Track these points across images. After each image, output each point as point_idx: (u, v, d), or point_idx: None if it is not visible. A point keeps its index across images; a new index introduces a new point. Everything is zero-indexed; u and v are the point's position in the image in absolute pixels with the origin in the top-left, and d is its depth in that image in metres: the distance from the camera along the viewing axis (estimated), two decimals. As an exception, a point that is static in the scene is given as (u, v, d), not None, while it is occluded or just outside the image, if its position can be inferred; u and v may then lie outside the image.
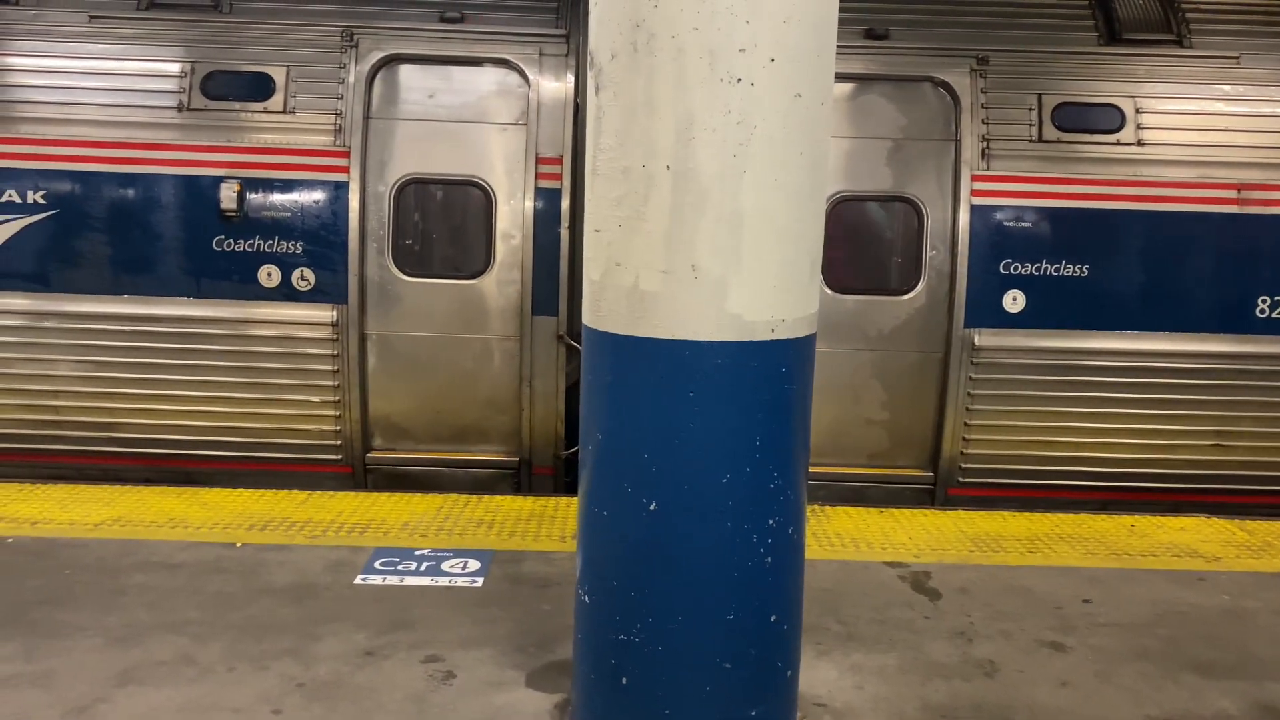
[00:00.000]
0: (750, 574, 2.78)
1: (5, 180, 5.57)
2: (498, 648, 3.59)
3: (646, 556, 2.77)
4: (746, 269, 2.63)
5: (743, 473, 2.70)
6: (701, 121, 2.58)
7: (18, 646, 3.49)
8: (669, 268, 2.64)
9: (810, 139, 2.71)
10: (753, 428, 2.69)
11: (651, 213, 2.64)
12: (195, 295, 5.63)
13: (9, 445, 5.70)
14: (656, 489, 2.72)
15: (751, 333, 2.65)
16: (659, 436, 2.70)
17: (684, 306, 2.64)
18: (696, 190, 2.60)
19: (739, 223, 2.62)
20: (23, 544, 4.43)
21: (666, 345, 2.66)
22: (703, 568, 2.74)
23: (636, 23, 2.59)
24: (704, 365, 2.65)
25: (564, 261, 5.71)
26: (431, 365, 5.80)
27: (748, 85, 2.57)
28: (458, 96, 5.79)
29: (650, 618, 2.78)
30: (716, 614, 2.76)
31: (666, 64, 2.57)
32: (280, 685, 3.29)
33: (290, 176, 5.61)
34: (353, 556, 4.41)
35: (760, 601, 2.82)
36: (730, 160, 2.59)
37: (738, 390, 2.67)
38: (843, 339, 5.68)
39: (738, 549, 2.75)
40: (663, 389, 2.68)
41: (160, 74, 5.65)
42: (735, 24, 2.54)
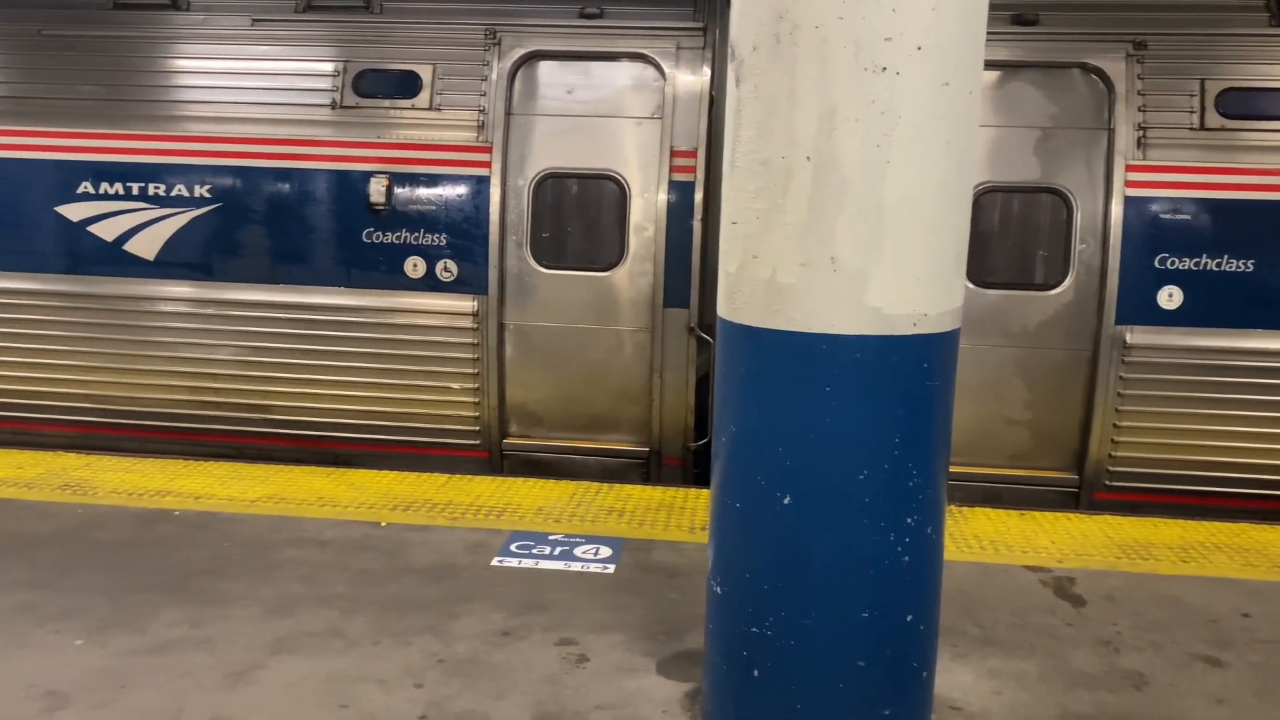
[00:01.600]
0: (887, 572, 2.73)
1: (175, 176, 5.95)
2: (629, 634, 3.64)
3: (779, 551, 2.76)
4: (888, 261, 2.58)
5: (881, 469, 2.66)
6: (844, 112, 2.54)
7: (184, 612, 3.73)
8: (807, 260, 2.62)
9: (957, 129, 2.64)
10: (892, 424, 2.64)
11: (791, 204, 2.62)
12: (346, 285, 5.89)
13: (175, 424, 6.10)
14: (791, 483, 2.71)
15: (892, 327, 2.60)
16: (794, 430, 2.69)
17: (822, 299, 2.61)
18: (837, 181, 2.57)
19: (881, 214, 2.57)
20: (188, 517, 4.74)
21: (803, 338, 2.64)
22: (837, 564, 2.72)
23: (779, 14, 2.57)
24: (842, 359, 2.62)
25: (696, 254, 5.73)
26: (565, 355, 5.91)
27: (893, 74, 2.53)
28: (595, 91, 5.87)
29: (783, 612, 2.77)
30: (851, 611, 2.73)
31: (809, 55, 2.55)
32: (422, 660, 3.42)
33: (435, 171, 5.81)
34: (490, 539, 4.54)
35: (897, 600, 2.77)
36: (874, 151, 2.55)
37: (877, 385, 2.63)
38: (984, 334, 5.51)
39: (874, 547, 2.71)
40: (799, 383, 2.66)
41: (315, 73, 5.93)
42: (881, 12, 2.50)
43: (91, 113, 6.03)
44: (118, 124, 6.00)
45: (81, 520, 4.65)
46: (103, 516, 4.70)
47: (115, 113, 6.02)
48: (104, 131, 6.00)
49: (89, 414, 6.15)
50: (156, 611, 3.73)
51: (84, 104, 6.05)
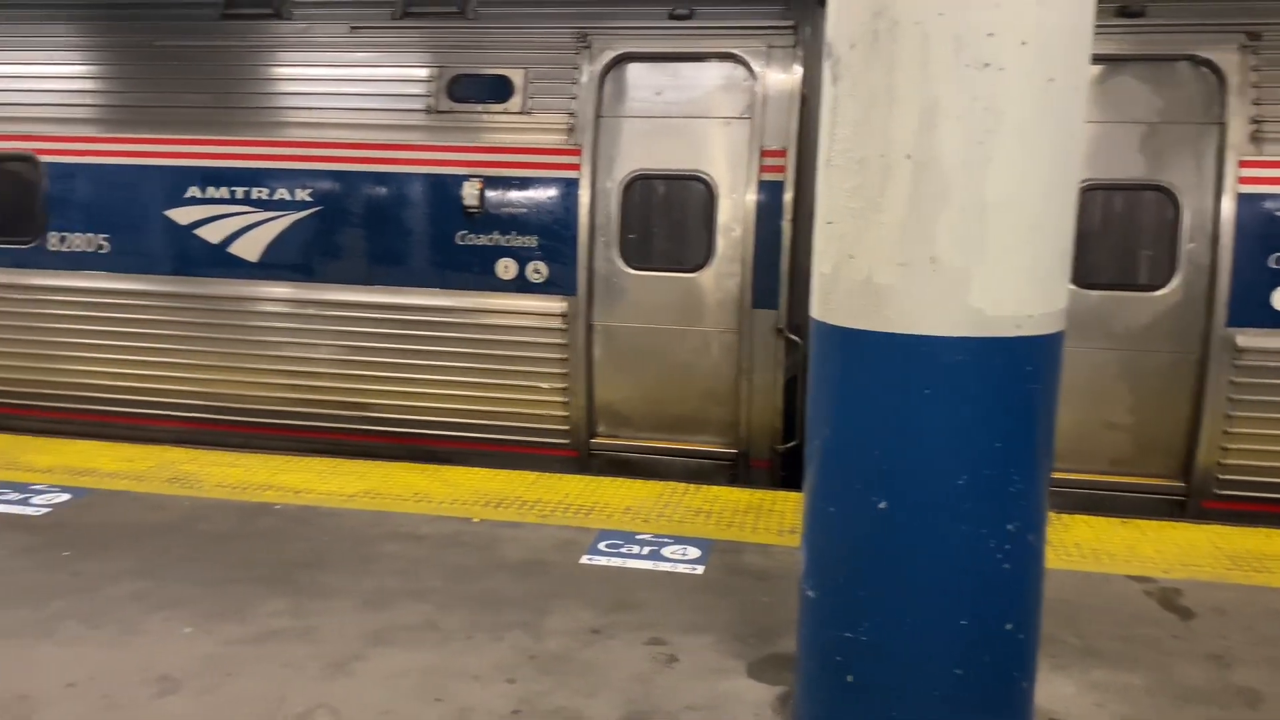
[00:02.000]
0: (986, 580, 2.67)
1: (277, 180, 6.14)
2: (719, 635, 3.64)
3: (875, 556, 2.72)
4: (990, 262, 2.53)
5: (981, 475, 2.60)
6: (945, 109, 2.50)
7: (287, 603, 3.85)
8: (906, 260, 2.57)
9: (1063, 125, 2.57)
10: (993, 429, 2.58)
11: (888, 203, 2.58)
12: (439, 286, 6.00)
13: (277, 421, 6.29)
14: (887, 488, 2.67)
15: (995, 328, 2.54)
16: (891, 434, 2.65)
17: (921, 300, 2.57)
18: (938, 180, 2.53)
19: (983, 213, 2.52)
20: (289, 511, 4.89)
21: (901, 340, 2.60)
22: (935, 571, 2.67)
23: (878, 10, 2.54)
24: (942, 362, 2.57)
25: (785, 254, 5.68)
26: (653, 356, 5.92)
27: (996, 70, 2.47)
28: (684, 92, 5.86)
29: (878, 617, 2.73)
30: (949, 619, 2.68)
31: (909, 51, 2.51)
32: (514, 656, 3.47)
33: (526, 174, 5.88)
34: (579, 537, 4.58)
35: (996, 609, 2.71)
36: (976, 148, 2.49)
37: (978, 389, 2.57)
38: (1086, 336, 5.34)
39: (973, 553, 2.65)
40: (896, 385, 2.62)
41: (411, 79, 6.06)
42: (984, 7, 2.45)
43: (199, 120, 6.26)
44: (224, 130, 6.22)
45: (188, 512, 4.84)
46: (208, 509, 4.89)
47: (221, 119, 6.24)
48: (211, 138, 6.23)
49: (196, 410, 6.39)
50: (260, 601, 3.85)
51: (192, 111, 6.29)
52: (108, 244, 6.36)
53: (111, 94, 6.45)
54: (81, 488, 5.14)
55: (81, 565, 4.17)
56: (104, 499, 4.99)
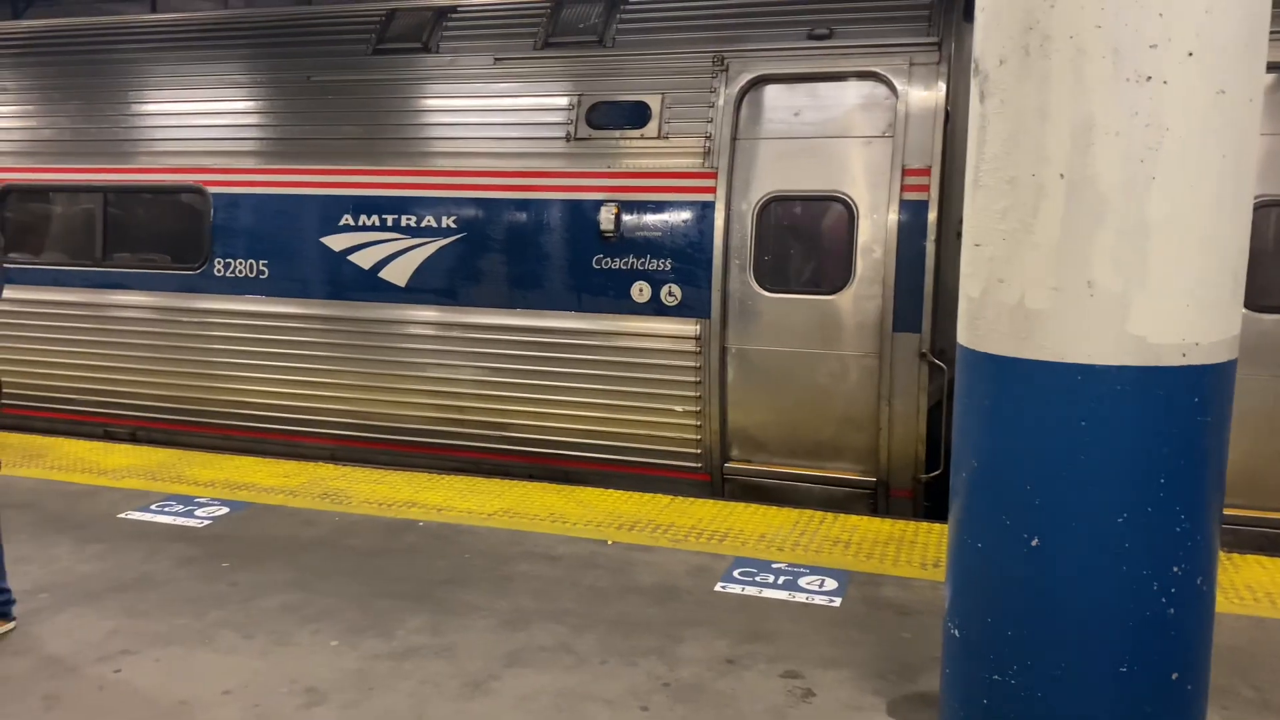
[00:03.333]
0: (1149, 625, 2.50)
1: (425, 208, 6.36)
2: (857, 671, 3.52)
3: (1026, 595, 2.59)
4: (1153, 286, 2.38)
5: (1143, 513, 2.44)
6: (1102, 125, 2.37)
7: (426, 620, 3.95)
8: (1060, 284, 2.45)
9: (1234, 140, 2.41)
10: (1157, 464, 2.42)
11: (1041, 225, 2.47)
12: (577, 309, 6.08)
13: (422, 439, 6.49)
14: (1040, 524, 2.53)
15: (1158, 357, 2.39)
16: (1044, 467, 2.52)
17: (1077, 326, 2.44)
18: (1094, 199, 2.40)
19: (1145, 234, 2.38)
20: (430, 528, 5.02)
21: (1055, 368, 2.47)
22: (1092, 614, 2.51)
23: (1029, 25, 2.44)
24: (1100, 392, 2.43)
25: (929, 276, 5.51)
26: (789, 380, 5.83)
27: (1159, 83, 2.34)
28: (822, 112, 5.78)
29: (1029, 661, 2.59)
30: (1107, 665, 2.52)
31: (1063, 66, 2.40)
32: (647, 682, 3.45)
33: (662, 198, 5.91)
34: (712, 563, 4.53)
35: (1160, 656, 2.53)
36: (1136, 166, 2.36)
37: (1140, 421, 2.42)
38: (1261, 363, 4.97)
39: (1135, 596, 2.49)
40: (1050, 416, 2.50)
41: (551, 107, 6.19)
42: (1146, 17, 2.32)
43: (352, 151, 6.56)
44: (374, 161, 6.49)
45: (337, 527, 5.03)
46: (356, 524, 5.07)
47: (372, 150, 6.52)
48: (362, 168, 6.51)
49: (346, 428, 6.65)
50: (402, 617, 3.96)
51: (345, 143, 6.59)
52: (267, 269, 6.71)
53: (271, 128, 6.83)
54: (240, 501, 5.41)
55: (238, 576, 4.38)
56: (260, 513, 5.24)
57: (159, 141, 7.02)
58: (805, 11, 5.92)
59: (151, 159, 7.02)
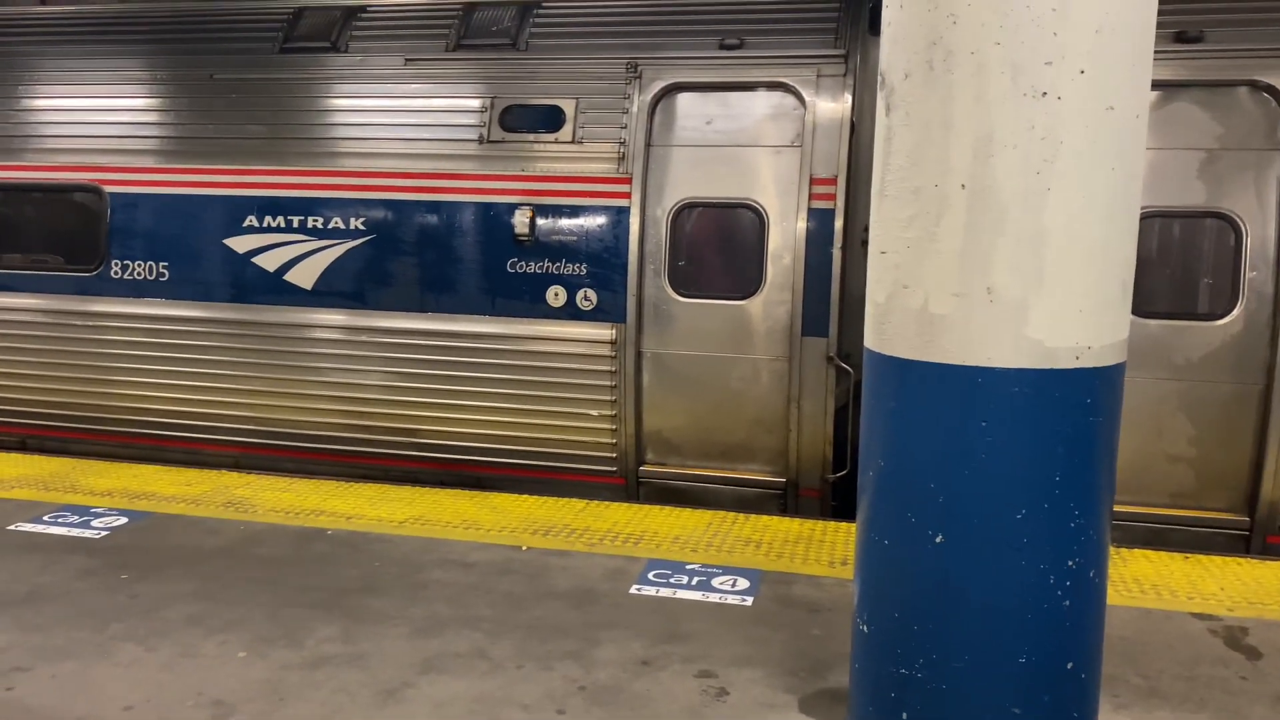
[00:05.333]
0: (1046, 616, 2.62)
1: (333, 209, 6.25)
2: (770, 669, 3.59)
3: (931, 590, 2.68)
4: (1049, 291, 2.49)
5: (1040, 509, 2.56)
6: (1001, 139, 2.48)
7: (338, 629, 3.88)
8: (962, 290, 2.55)
9: (1123, 153, 2.54)
10: (1053, 462, 2.54)
11: (944, 233, 2.56)
12: (490, 313, 6.05)
13: (328, 446, 6.37)
14: (943, 521, 2.63)
15: (1053, 360, 2.50)
16: (947, 467, 2.61)
17: (978, 330, 2.54)
18: (995, 209, 2.50)
19: (1041, 242, 2.49)
20: (340, 536, 4.94)
21: (957, 371, 2.57)
22: (993, 607, 2.62)
23: (933, 41, 2.53)
24: (999, 393, 2.53)
25: (835, 282, 5.65)
26: (702, 384, 5.90)
27: (1054, 99, 2.45)
28: (733, 120, 5.88)
29: (934, 654, 2.68)
30: (1007, 656, 2.62)
31: (965, 81, 2.50)
32: (564, 686, 3.46)
33: (577, 203, 5.92)
34: (628, 566, 4.56)
35: (1056, 646, 2.65)
36: (1033, 178, 2.47)
37: (1037, 421, 2.53)
38: (1146, 366, 5.24)
39: (1033, 589, 2.60)
40: (952, 417, 2.59)
41: (464, 109, 6.15)
42: (1041, 36, 2.43)
43: (256, 151, 6.40)
44: (280, 161, 6.35)
45: (243, 536, 4.91)
46: (262, 533, 4.95)
47: (278, 150, 6.38)
48: (267, 168, 6.36)
49: (250, 435, 6.49)
50: (313, 627, 3.88)
51: (250, 143, 6.43)
52: (167, 271, 6.50)
53: (172, 125, 6.63)
54: (139, 511, 5.23)
55: (139, 588, 4.24)
56: (161, 522, 5.08)
57: (52, 138, 6.75)
58: (717, 21, 6.00)
59: (43, 156, 6.74)
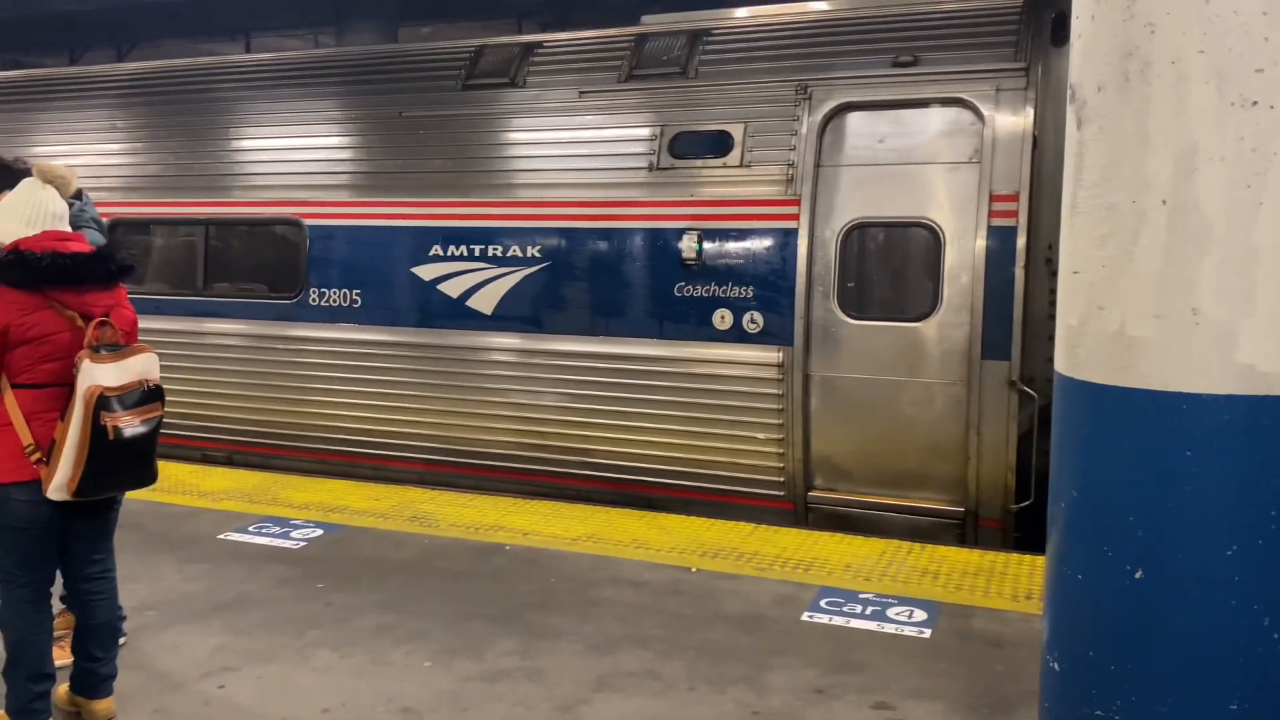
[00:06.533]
0: (1259, 662, 2.42)
1: (510, 238, 6.49)
2: (949, 704, 3.47)
3: (1128, 629, 2.53)
4: (1262, 313, 2.32)
5: (1253, 545, 2.37)
6: (1207, 151, 2.34)
7: (516, 643, 4.00)
8: (1163, 311, 2.41)
9: (1346, 163, 2.34)
10: (1268, 494, 2.35)
11: (1142, 252, 2.43)
12: (658, 336, 6.13)
13: (506, 464, 6.59)
14: (1143, 556, 2.47)
15: (1268, 386, 2.33)
16: (1147, 499, 2.46)
17: (1181, 355, 2.39)
18: (1199, 226, 2.36)
19: (1252, 261, 2.33)
20: (517, 552, 5.10)
21: (1158, 398, 2.42)
22: (1198, 650, 2.44)
23: (1129, 51, 2.42)
24: (1206, 422, 2.37)
25: (1018, 303, 5.43)
26: (873, 408, 5.78)
27: (1265, 108, 2.30)
28: (907, 138, 5.76)
29: (1133, 696, 2.52)
30: (1216, 703, 2.44)
31: (1164, 92, 2.37)
32: (736, 711, 3.45)
33: (744, 226, 5.94)
34: (798, 592, 4.51)
35: (1272, 694, 2.44)
36: (1243, 192, 2.32)
37: (1249, 451, 2.35)
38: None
39: (1244, 632, 2.41)
40: (1154, 446, 2.44)
41: (635, 138, 6.28)
42: (1250, 42, 2.29)
43: (441, 183, 6.74)
44: (463, 192, 6.66)
45: (427, 550, 5.14)
46: (444, 547, 5.17)
47: (460, 182, 6.69)
48: (451, 200, 6.68)
49: (433, 452, 6.79)
50: (492, 640, 4.02)
51: (434, 176, 6.78)
52: (360, 299, 6.91)
53: (364, 161, 7.06)
54: (333, 523, 5.56)
55: (333, 597, 4.50)
56: (353, 535, 5.38)
57: (257, 176, 7.30)
58: (890, 39, 5.91)
59: (249, 193, 7.30)
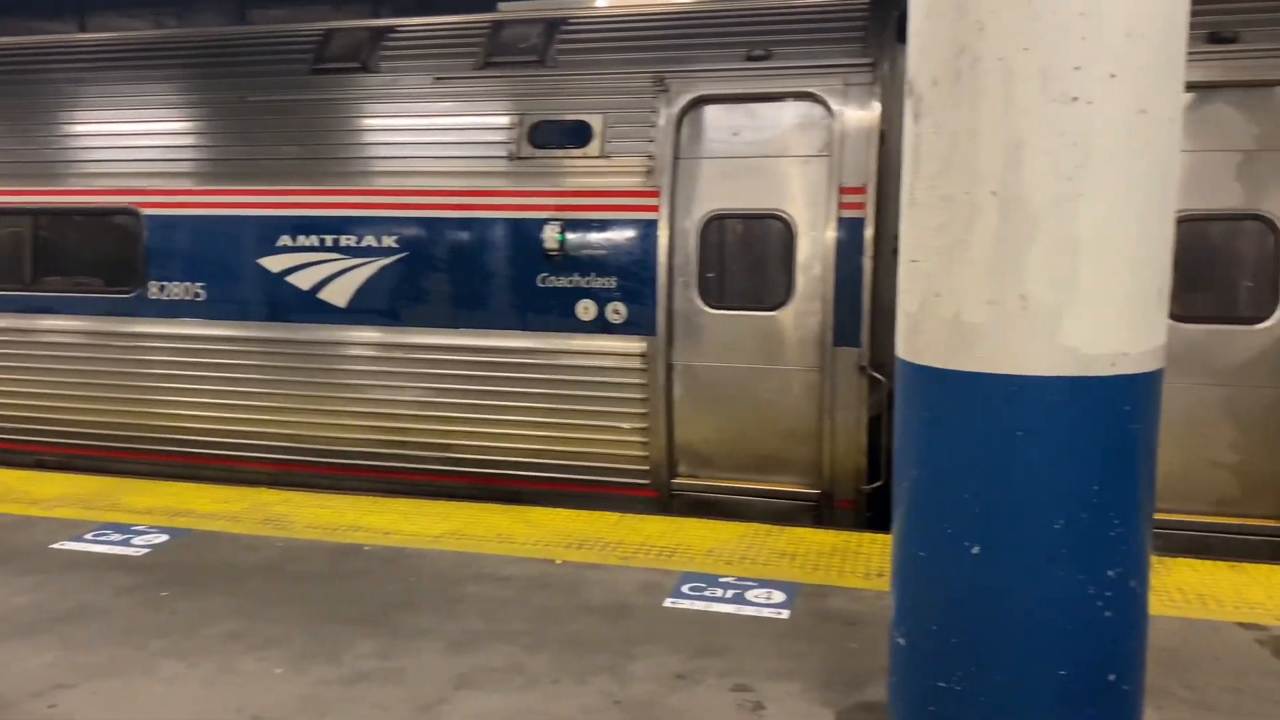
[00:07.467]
0: (1086, 628, 2.58)
1: (366, 228, 6.32)
2: (806, 682, 3.57)
3: (969, 602, 2.65)
4: (1083, 298, 2.47)
5: (1079, 519, 2.52)
6: (1032, 144, 2.46)
7: (376, 644, 3.90)
8: (995, 298, 2.53)
9: (1156, 157, 2.51)
10: (1090, 470, 2.51)
11: (975, 241, 2.55)
12: (521, 328, 6.08)
13: (365, 462, 6.42)
14: (980, 532, 2.60)
15: (1089, 367, 2.48)
16: (983, 477, 2.59)
17: (1011, 339, 2.52)
18: (1026, 216, 2.49)
19: (1074, 249, 2.47)
20: (377, 551, 4.97)
21: (991, 380, 2.55)
22: (1032, 618, 2.58)
23: (960, 48, 2.52)
24: (1034, 402, 2.51)
25: (867, 292, 5.62)
26: (733, 395, 5.89)
27: (1084, 104, 2.43)
28: (761, 131, 5.87)
29: (973, 666, 2.65)
30: (1047, 668, 2.59)
31: (993, 87, 2.49)
32: (599, 701, 3.45)
33: (606, 217, 5.94)
34: (662, 579, 4.55)
35: (1098, 658, 2.61)
36: (1065, 183, 2.45)
37: (1073, 430, 2.50)
38: (1186, 372, 5.15)
39: (1072, 600, 2.56)
40: (987, 427, 2.57)
41: (493, 127, 6.20)
42: (1070, 41, 2.42)
43: (290, 171, 6.49)
44: (313, 181, 6.43)
45: (281, 553, 4.95)
46: (300, 549, 4.99)
47: (310, 170, 6.46)
48: (300, 188, 6.45)
49: (286, 452, 6.56)
50: (351, 642, 3.91)
51: (282, 163, 6.53)
52: (204, 292, 6.60)
53: (207, 148, 6.74)
54: (179, 528, 5.30)
55: (180, 605, 4.29)
56: (201, 540, 5.14)
57: (91, 163, 6.88)
58: (743, 33, 6.01)
59: (83, 181, 6.87)
